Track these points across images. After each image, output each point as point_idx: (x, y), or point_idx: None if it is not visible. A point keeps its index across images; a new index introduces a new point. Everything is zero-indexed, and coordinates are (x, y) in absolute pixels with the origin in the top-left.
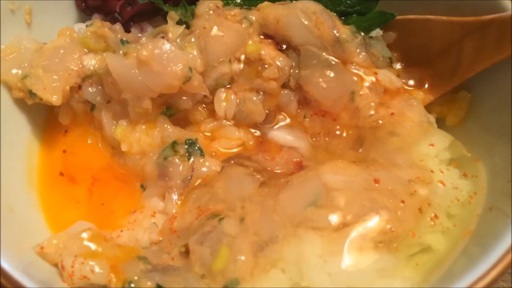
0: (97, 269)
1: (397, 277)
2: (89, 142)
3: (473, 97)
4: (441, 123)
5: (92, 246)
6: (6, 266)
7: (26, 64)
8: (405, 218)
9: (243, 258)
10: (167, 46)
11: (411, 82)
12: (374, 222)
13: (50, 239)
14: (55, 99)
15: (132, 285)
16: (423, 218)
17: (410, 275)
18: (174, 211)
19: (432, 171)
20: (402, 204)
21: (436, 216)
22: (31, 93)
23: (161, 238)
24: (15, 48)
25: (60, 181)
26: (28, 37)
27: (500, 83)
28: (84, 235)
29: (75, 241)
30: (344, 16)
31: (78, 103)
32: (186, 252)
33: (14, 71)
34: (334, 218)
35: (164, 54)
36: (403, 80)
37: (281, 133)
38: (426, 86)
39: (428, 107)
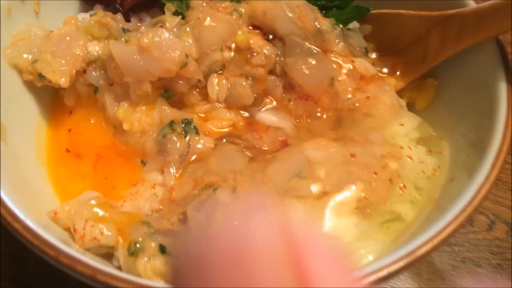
0: (105, 231)
1: (371, 239)
2: (92, 122)
3: (440, 83)
4: (411, 106)
5: (100, 211)
6: (31, 224)
7: (35, 50)
8: (378, 187)
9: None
10: (166, 34)
11: (385, 70)
12: (350, 191)
13: (62, 206)
14: (63, 81)
15: (138, 245)
16: (393, 188)
17: (382, 238)
18: (172, 183)
19: (401, 148)
20: (375, 176)
21: (404, 186)
22: (41, 76)
23: (161, 207)
24: (25, 34)
25: (67, 157)
26: (37, 25)
27: (463, 71)
28: (93, 202)
29: (85, 207)
30: (325, 9)
31: (82, 86)
32: (184, 219)
33: (25, 55)
34: (316, 188)
35: (163, 41)
36: (378, 68)
37: (268, 115)
38: (398, 73)
39: (400, 92)
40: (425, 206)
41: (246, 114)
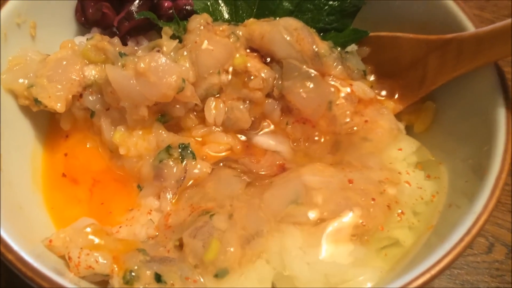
0: (101, 260)
1: (369, 266)
2: (88, 146)
3: (438, 107)
4: (409, 130)
5: (96, 239)
6: (23, 255)
7: (31, 74)
8: (376, 214)
9: (232, 249)
10: (162, 59)
11: (383, 93)
12: (348, 218)
13: (57, 233)
14: (59, 106)
15: (133, 273)
16: (391, 214)
17: (380, 265)
18: (168, 208)
19: (399, 173)
20: (373, 202)
21: (402, 213)
22: (37, 101)
23: (157, 233)
24: (21, 59)
25: (63, 182)
26: (33, 49)
27: (462, 95)
28: (88, 229)
29: (80, 235)
30: (323, 32)
31: (79, 110)
32: (180, 246)
33: (21, 80)
34: (313, 214)
35: (160, 66)
36: (376, 91)
37: (265, 139)
38: (396, 96)
39: (398, 116)
40: (423, 232)
41: (244, 138)
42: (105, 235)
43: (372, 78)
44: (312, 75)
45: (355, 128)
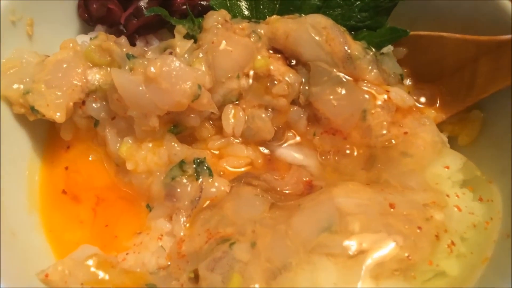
0: None
1: None
2: (91, 159)
3: (486, 116)
4: (452, 142)
5: (99, 273)
6: None
7: (27, 79)
8: (422, 245)
9: (256, 286)
10: (176, 63)
11: (422, 99)
12: (390, 249)
13: (55, 266)
14: (58, 116)
15: None
16: (440, 245)
17: None
18: (182, 233)
19: (448, 195)
20: (418, 231)
21: (453, 243)
22: (33, 110)
23: (169, 263)
24: (16, 62)
25: (63, 200)
26: (30, 50)
27: None
28: (90, 262)
29: (80, 268)
30: (354, 31)
31: (81, 119)
32: (196, 278)
33: (16, 86)
34: (349, 245)
35: (173, 71)
36: (414, 97)
37: (290, 151)
38: (438, 104)
39: (440, 126)
40: (475, 265)
41: (266, 151)
42: (109, 268)
43: (408, 82)
44: (344, 80)
45: (393, 141)
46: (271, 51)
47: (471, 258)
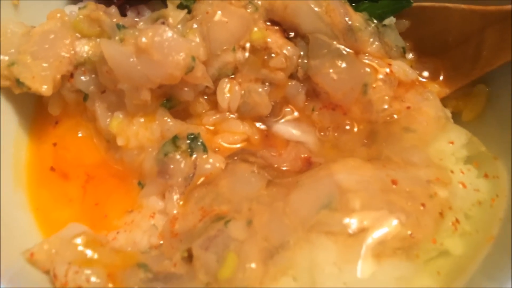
0: (93, 279)
1: (416, 285)
2: (81, 135)
3: (492, 91)
4: (456, 117)
5: (88, 252)
6: None
7: (13, 50)
8: (425, 222)
9: (252, 266)
10: (168, 33)
11: (425, 74)
12: (392, 227)
13: (41, 245)
14: (45, 89)
15: None
16: (444, 223)
17: (429, 283)
18: (175, 211)
19: (452, 172)
20: (422, 208)
21: (457, 221)
22: (19, 82)
23: (161, 242)
24: (0, 32)
25: (51, 177)
26: (16, 21)
27: None
28: (78, 240)
29: (68, 247)
30: (355, 1)
31: (69, 93)
32: (189, 257)
33: (0, 57)
34: (350, 222)
35: (165, 41)
36: (417, 72)
37: (287, 127)
38: (441, 78)
39: (443, 101)
40: (480, 243)
41: (262, 126)
42: (99, 246)
43: (410, 56)
44: (344, 52)
45: (394, 116)
46: (268, 23)
47: (476, 237)
